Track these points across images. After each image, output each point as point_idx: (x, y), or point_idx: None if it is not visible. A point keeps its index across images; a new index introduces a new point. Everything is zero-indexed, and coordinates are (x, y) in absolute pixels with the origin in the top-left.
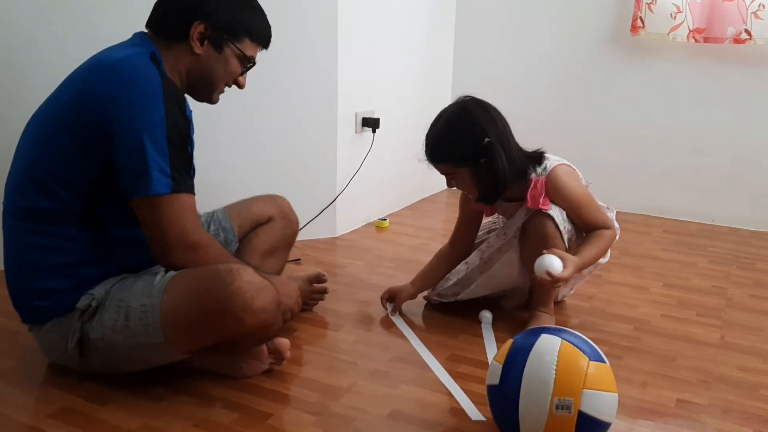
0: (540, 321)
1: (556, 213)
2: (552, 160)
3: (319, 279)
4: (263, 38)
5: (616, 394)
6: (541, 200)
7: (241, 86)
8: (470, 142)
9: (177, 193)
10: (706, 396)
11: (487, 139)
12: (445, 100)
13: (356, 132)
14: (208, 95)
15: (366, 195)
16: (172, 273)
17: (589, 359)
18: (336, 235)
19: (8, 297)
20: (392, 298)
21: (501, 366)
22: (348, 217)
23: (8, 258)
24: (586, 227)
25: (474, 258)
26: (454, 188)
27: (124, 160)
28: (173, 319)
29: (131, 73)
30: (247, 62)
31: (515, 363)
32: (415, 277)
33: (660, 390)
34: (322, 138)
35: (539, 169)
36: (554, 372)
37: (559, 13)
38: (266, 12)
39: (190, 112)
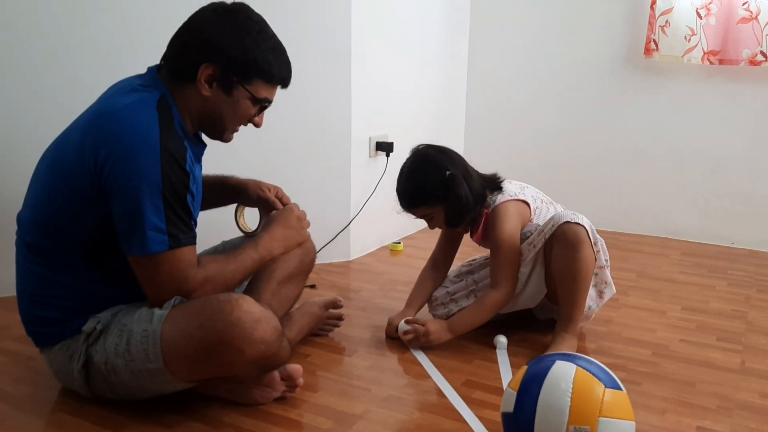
0: (561, 344)
1: (587, 222)
2: (505, 193)
3: (335, 305)
4: (279, 79)
5: (634, 422)
6: (479, 234)
7: (257, 125)
8: (435, 180)
9: (174, 249)
10: (727, 423)
11: (448, 172)
12: (459, 123)
13: (370, 156)
14: (219, 135)
15: (380, 218)
16: (174, 301)
17: (605, 386)
18: (350, 259)
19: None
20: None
21: (515, 393)
22: (362, 241)
23: (18, 284)
24: (490, 270)
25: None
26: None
27: (119, 218)
28: (173, 347)
29: (128, 129)
30: (261, 103)
31: (530, 390)
32: (406, 303)
33: (679, 417)
34: (336, 162)
35: (490, 201)
36: (569, 400)
37: (573, 36)
38: (279, 37)
39: (194, 163)
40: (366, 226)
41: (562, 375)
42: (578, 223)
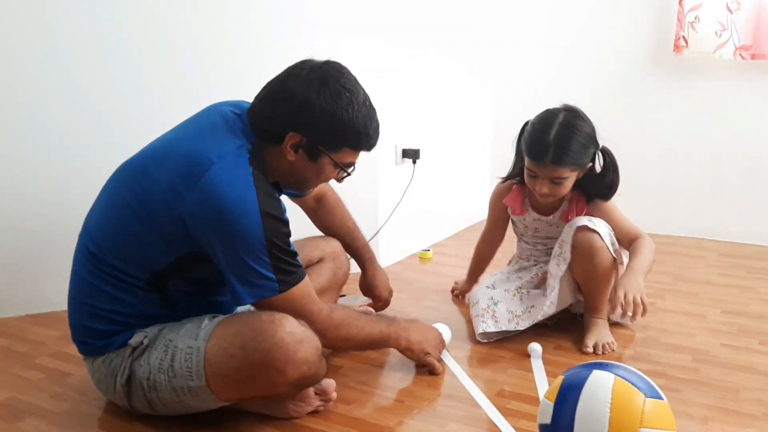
0: (595, 328)
1: (602, 227)
2: None
3: (368, 313)
4: (367, 147)
5: None
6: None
7: (338, 182)
8: (590, 148)
9: (284, 291)
10: None
11: (602, 145)
12: (485, 126)
13: (396, 163)
14: (299, 193)
15: (408, 226)
16: (219, 318)
17: (645, 396)
18: None
19: (62, 338)
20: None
21: (552, 404)
22: (391, 249)
23: (72, 291)
24: (623, 235)
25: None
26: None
27: (226, 273)
28: (216, 367)
29: (226, 193)
30: (346, 168)
31: (567, 401)
32: (467, 274)
33: (723, 425)
34: (363, 171)
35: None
36: (609, 410)
37: (601, 35)
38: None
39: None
40: (394, 234)
41: (600, 385)
42: (593, 230)
